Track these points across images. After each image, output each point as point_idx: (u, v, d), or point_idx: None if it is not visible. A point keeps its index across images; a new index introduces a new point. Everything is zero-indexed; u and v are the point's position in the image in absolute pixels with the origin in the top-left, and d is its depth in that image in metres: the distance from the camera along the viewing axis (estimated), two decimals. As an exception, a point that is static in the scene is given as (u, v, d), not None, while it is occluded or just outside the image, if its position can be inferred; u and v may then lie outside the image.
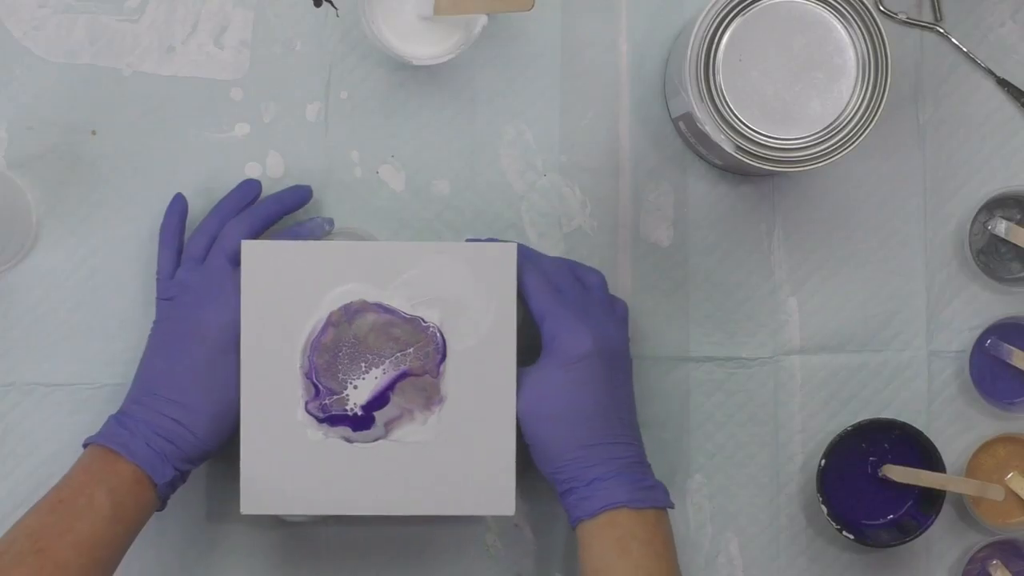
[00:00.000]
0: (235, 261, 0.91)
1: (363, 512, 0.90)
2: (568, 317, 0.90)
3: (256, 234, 0.93)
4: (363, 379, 0.90)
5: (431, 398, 0.90)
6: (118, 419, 0.89)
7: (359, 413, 0.90)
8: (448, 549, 0.99)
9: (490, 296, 0.90)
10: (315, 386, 0.89)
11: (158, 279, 0.94)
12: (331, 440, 0.90)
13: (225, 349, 0.89)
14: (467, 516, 0.98)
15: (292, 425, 0.90)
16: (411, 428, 0.90)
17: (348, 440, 0.90)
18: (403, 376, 0.90)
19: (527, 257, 0.94)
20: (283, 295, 0.89)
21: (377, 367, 0.90)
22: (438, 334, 0.90)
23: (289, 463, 0.90)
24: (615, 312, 0.95)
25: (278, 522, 0.97)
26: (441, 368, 0.90)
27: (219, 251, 0.92)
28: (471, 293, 0.90)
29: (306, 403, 0.90)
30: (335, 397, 0.90)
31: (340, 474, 0.90)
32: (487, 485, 0.90)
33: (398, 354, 0.90)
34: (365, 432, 0.90)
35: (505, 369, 0.90)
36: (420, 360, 0.90)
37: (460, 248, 0.91)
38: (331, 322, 0.89)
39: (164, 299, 0.93)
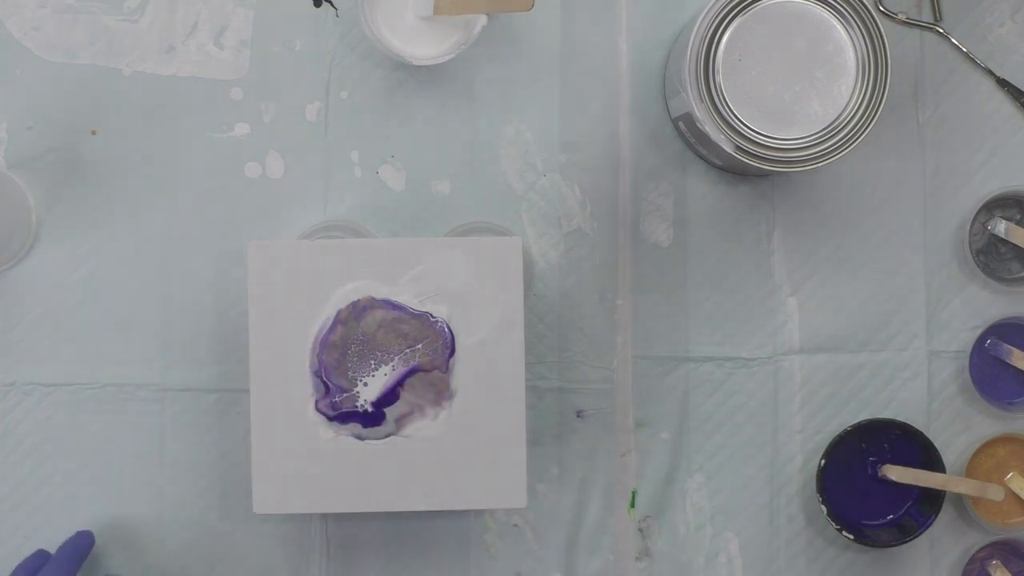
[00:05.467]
0: None
1: (375, 509, 0.90)
2: None
3: None
4: (373, 376, 0.90)
5: (441, 393, 0.90)
6: None
7: (369, 410, 0.90)
8: (448, 549, 0.99)
9: (497, 290, 0.90)
10: (325, 384, 0.89)
11: None
12: (342, 438, 0.90)
13: None
14: (467, 515, 0.98)
15: (303, 424, 0.89)
16: (421, 424, 0.90)
17: (359, 437, 0.90)
18: (413, 372, 0.90)
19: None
20: (290, 294, 0.89)
21: (386, 364, 0.90)
22: (446, 329, 0.90)
23: (300, 462, 0.89)
24: None
25: (289, 519, 0.97)
26: (450, 363, 0.90)
27: None
28: (478, 287, 0.90)
29: (316, 401, 0.90)
30: (345, 395, 0.90)
31: (352, 471, 0.90)
32: (498, 478, 0.90)
33: (407, 350, 0.90)
34: (376, 429, 0.90)
35: (514, 362, 0.90)
36: (429, 355, 0.90)
37: (466, 243, 0.91)
38: (339, 320, 0.89)
39: None
